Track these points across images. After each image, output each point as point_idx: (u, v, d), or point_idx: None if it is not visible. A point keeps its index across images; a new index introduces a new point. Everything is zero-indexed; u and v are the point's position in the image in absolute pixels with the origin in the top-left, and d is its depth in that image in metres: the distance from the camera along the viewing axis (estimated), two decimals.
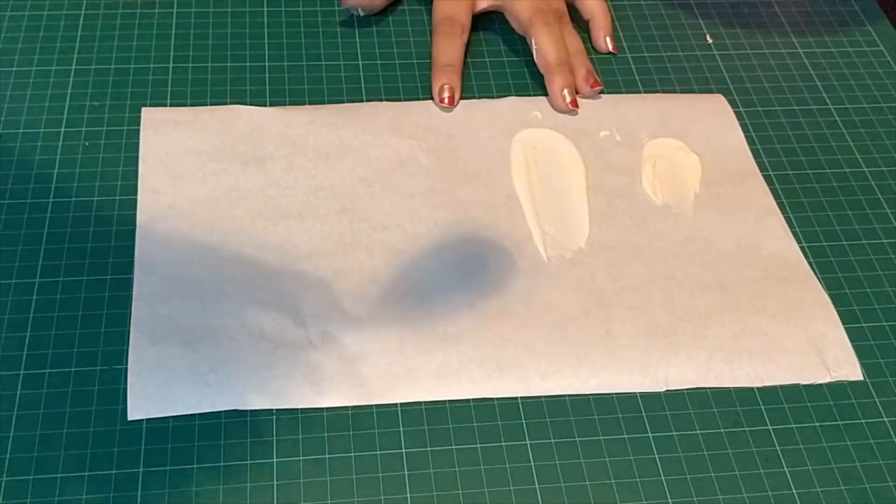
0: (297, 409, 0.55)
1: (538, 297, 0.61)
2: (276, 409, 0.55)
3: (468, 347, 0.58)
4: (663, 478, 0.54)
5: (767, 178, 0.69)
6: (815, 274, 0.64)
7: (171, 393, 0.55)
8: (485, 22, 0.79)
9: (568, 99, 0.72)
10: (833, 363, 0.59)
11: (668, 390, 0.57)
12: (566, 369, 0.58)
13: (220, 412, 0.55)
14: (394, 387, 0.56)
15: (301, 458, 0.53)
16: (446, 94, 0.72)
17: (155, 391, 0.55)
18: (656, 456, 0.55)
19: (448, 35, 0.74)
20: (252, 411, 0.55)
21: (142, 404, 0.54)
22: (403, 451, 0.54)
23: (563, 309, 0.60)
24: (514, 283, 0.61)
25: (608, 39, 0.78)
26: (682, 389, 0.57)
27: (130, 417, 0.54)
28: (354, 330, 0.58)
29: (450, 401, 0.56)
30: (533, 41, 0.74)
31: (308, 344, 0.57)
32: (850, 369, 0.59)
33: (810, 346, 0.60)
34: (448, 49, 0.74)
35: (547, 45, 0.73)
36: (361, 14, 0.78)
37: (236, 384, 0.55)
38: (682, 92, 0.75)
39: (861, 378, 0.59)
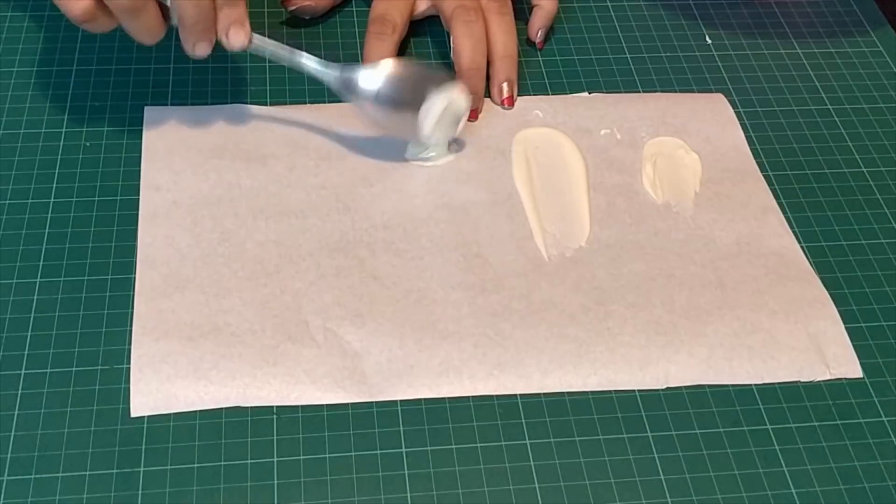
0: (297, 409, 0.55)
1: (539, 294, 0.61)
2: (277, 409, 0.55)
3: (469, 345, 0.58)
4: (663, 477, 0.54)
5: (767, 179, 0.69)
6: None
7: (173, 389, 0.55)
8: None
9: (481, 107, 0.71)
10: (833, 360, 0.59)
11: (667, 389, 0.57)
12: (567, 366, 0.58)
13: (221, 412, 0.55)
14: (395, 384, 0.56)
15: (301, 457, 0.53)
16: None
17: (157, 388, 0.55)
18: (656, 455, 0.55)
19: (379, 35, 0.71)
20: (252, 411, 0.55)
21: (144, 401, 0.55)
22: (403, 450, 0.54)
23: (564, 306, 0.60)
24: (514, 281, 0.61)
25: (540, 33, 0.77)
26: (681, 389, 0.58)
27: (133, 414, 0.54)
28: (356, 327, 0.58)
29: (450, 400, 0.56)
30: (452, 39, 0.72)
31: (310, 340, 0.58)
32: (849, 366, 0.59)
33: (810, 344, 0.60)
34: (377, 49, 0.71)
35: (462, 47, 0.71)
36: (307, 17, 0.77)
37: (238, 381, 0.56)
38: (682, 92, 0.75)
39: (860, 375, 0.59)
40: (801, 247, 0.65)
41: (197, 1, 0.59)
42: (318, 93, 0.72)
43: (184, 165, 0.66)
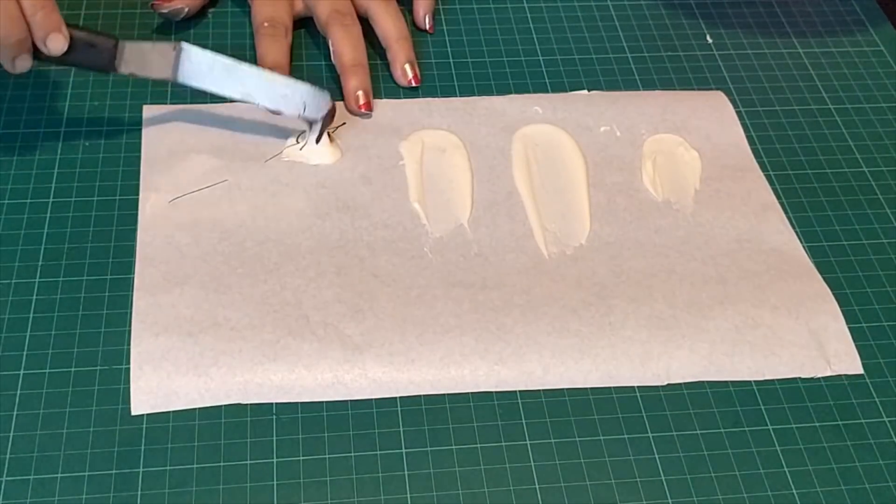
0: (296, 409, 0.55)
1: (540, 290, 0.61)
2: (276, 409, 0.55)
3: (471, 339, 0.58)
4: (663, 478, 0.54)
5: (767, 178, 0.69)
6: None
7: (173, 387, 0.55)
8: (485, 21, 0.79)
9: (361, 101, 0.70)
10: (833, 356, 0.59)
11: (668, 387, 0.57)
12: (569, 361, 0.58)
13: (221, 412, 0.55)
14: (396, 379, 0.56)
15: (301, 458, 0.53)
16: None
17: (157, 385, 0.55)
18: (656, 456, 0.55)
19: (272, 36, 0.72)
20: (252, 411, 0.55)
21: (145, 399, 0.55)
22: (403, 451, 0.54)
23: (566, 302, 0.60)
24: (515, 278, 0.61)
25: (427, 18, 0.78)
26: (681, 388, 0.57)
27: (134, 413, 0.54)
28: (356, 322, 0.58)
29: (450, 400, 0.56)
30: (330, 42, 0.72)
31: (310, 335, 0.57)
32: (850, 362, 0.59)
33: (811, 339, 0.60)
34: (274, 50, 0.71)
35: (342, 46, 0.71)
36: (181, 17, 0.76)
37: (239, 377, 0.56)
38: (682, 91, 0.75)
39: (861, 371, 0.59)
40: (803, 246, 0.65)
41: (6, 16, 0.59)
42: None
43: (183, 166, 0.66)
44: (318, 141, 0.67)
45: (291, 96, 0.65)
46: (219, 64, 0.64)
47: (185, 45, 0.64)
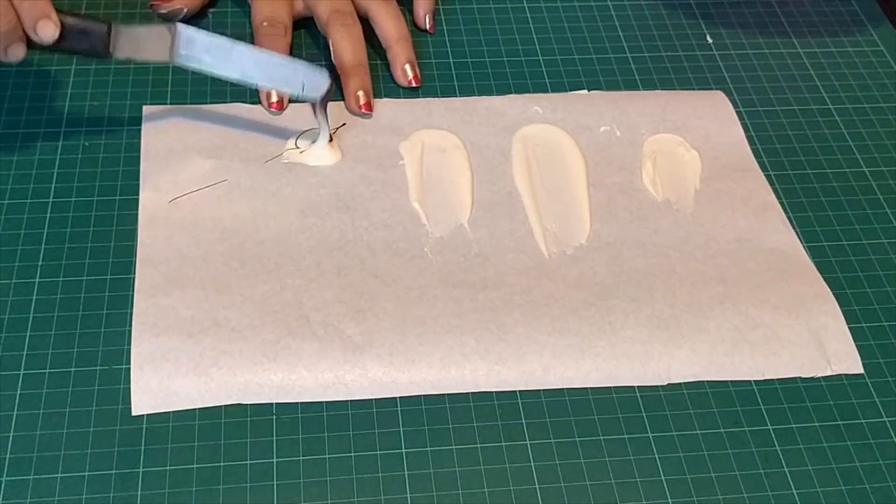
0: (296, 409, 0.55)
1: (540, 290, 0.61)
2: (276, 409, 0.55)
3: (471, 339, 0.58)
4: (663, 478, 0.54)
5: (768, 178, 0.69)
6: None
7: (174, 387, 0.55)
8: (485, 21, 0.79)
9: (361, 101, 0.70)
10: (834, 356, 0.59)
11: (668, 387, 0.57)
12: (569, 362, 0.58)
13: (221, 412, 0.55)
14: (397, 379, 0.56)
15: (301, 458, 0.53)
16: (274, 99, 0.70)
17: (158, 385, 0.55)
18: (656, 456, 0.55)
19: (272, 36, 0.72)
20: (252, 411, 0.55)
21: (146, 399, 0.55)
22: (403, 451, 0.54)
23: (566, 302, 0.60)
24: (515, 279, 0.61)
25: (428, 17, 0.79)
26: (681, 388, 0.57)
27: (134, 413, 0.54)
28: (356, 322, 0.58)
29: (450, 400, 0.56)
30: (330, 42, 0.72)
31: (311, 335, 0.57)
32: (850, 362, 0.59)
33: (811, 339, 0.60)
34: (274, 50, 0.70)
35: (342, 47, 0.71)
36: (180, 18, 0.75)
37: (239, 377, 0.56)
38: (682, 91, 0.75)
39: (861, 371, 0.59)
40: (803, 246, 0.65)
41: None
42: None
43: (183, 166, 0.66)
44: (330, 139, 0.67)
45: (290, 75, 0.65)
46: (216, 44, 0.64)
47: (181, 27, 0.63)
